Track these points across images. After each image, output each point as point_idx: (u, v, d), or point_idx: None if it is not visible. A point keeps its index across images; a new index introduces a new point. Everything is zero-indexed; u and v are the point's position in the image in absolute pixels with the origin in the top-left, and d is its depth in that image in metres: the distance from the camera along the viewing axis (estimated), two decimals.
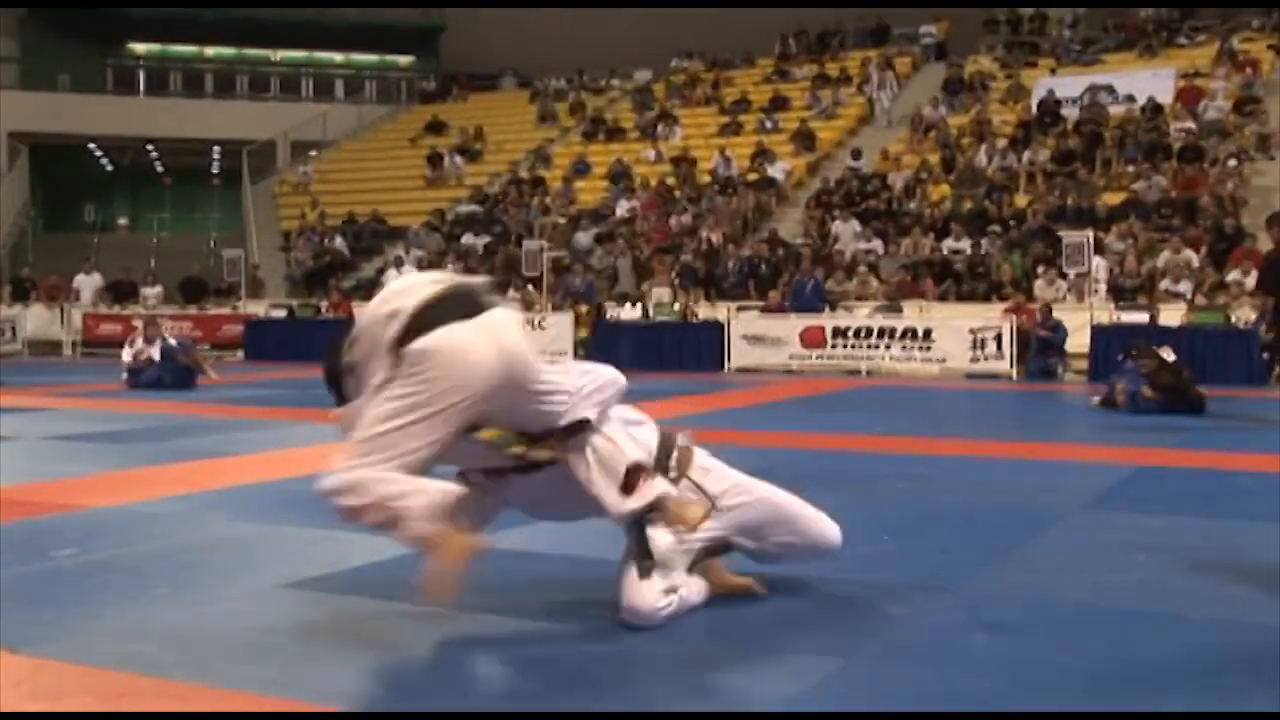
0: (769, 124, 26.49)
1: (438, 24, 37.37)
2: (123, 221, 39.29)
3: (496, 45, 35.02)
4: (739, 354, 17.07)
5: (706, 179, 24.56)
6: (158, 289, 23.08)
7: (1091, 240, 16.42)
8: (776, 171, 24.06)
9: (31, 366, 18.10)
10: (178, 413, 11.08)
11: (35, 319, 21.82)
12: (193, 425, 10.10)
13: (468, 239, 24.18)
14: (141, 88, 36.30)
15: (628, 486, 3.63)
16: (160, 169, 39.62)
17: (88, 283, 23.40)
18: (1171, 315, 15.30)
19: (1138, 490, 6.77)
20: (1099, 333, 15.08)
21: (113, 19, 35.03)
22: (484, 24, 35.66)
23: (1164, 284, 16.93)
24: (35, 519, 5.78)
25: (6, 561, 4.77)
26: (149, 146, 36.88)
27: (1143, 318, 15.09)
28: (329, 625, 3.75)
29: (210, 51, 37.93)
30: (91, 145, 36.61)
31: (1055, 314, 15.62)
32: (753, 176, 24.03)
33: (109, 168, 39.32)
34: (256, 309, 21.11)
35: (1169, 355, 11.12)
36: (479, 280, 3.77)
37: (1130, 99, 23.43)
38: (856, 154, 23.76)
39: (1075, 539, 5.37)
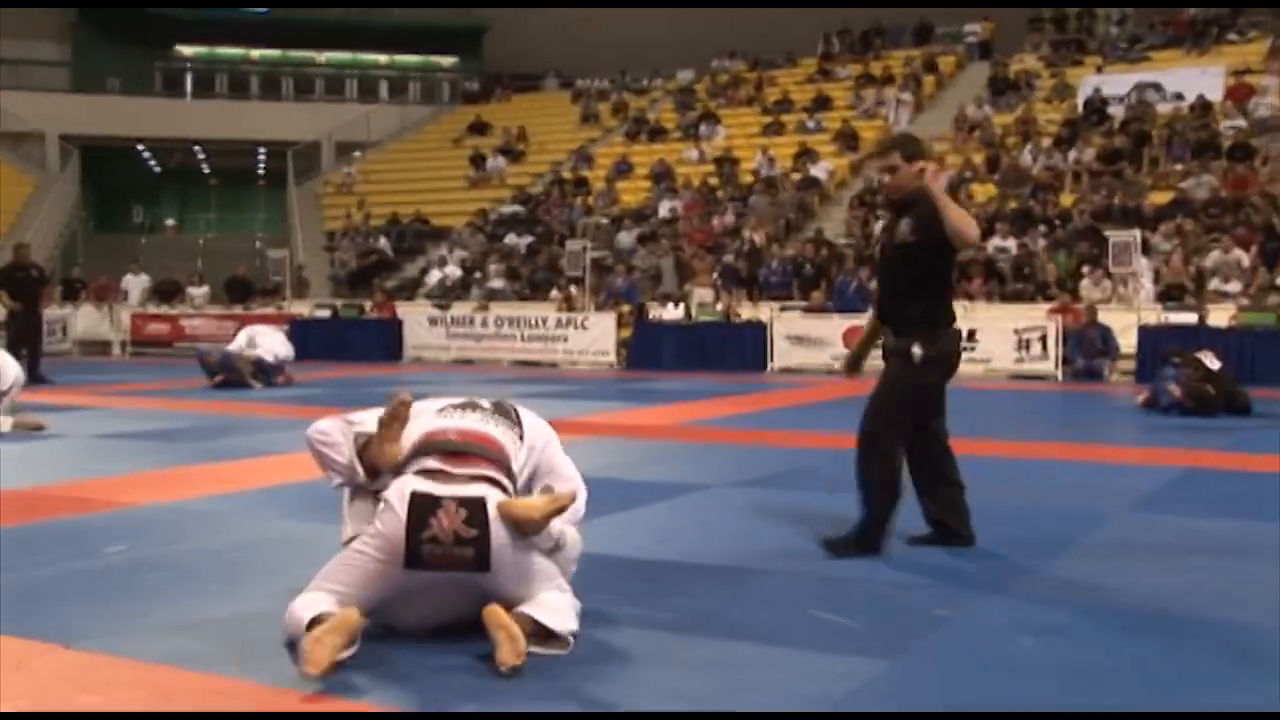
0: (812, 124, 26.40)
1: (481, 25, 37.53)
2: (170, 222, 39.76)
3: (539, 46, 35.13)
4: (781, 354, 17.03)
5: (749, 179, 24.50)
6: (204, 289, 23.34)
7: (1138, 240, 16.24)
8: (819, 171, 23.97)
9: (81, 365, 18.33)
10: (224, 412, 11.20)
11: (85, 319, 22.12)
12: (239, 424, 10.20)
13: (510, 239, 24.26)
14: (189, 90, 36.69)
15: None
16: (207, 170, 40.03)
17: (136, 283, 23.71)
18: (1220, 316, 15.12)
19: (1185, 492, 6.70)
20: (1146, 334, 14.93)
21: (160, 22, 35.43)
22: (527, 25, 35.79)
23: (1213, 284, 16.74)
24: (86, 516, 5.86)
25: (59, 557, 4.85)
26: (196, 148, 37.28)
27: (1191, 318, 14.93)
28: (376, 624, 3.78)
29: (256, 54, 38.28)
30: (140, 147, 37.04)
31: (1101, 315, 15.47)
32: (795, 176, 23.96)
33: (157, 169, 39.78)
34: (301, 309, 21.28)
35: (1213, 362, 10.93)
36: None
37: (1179, 97, 23.14)
38: None
39: (1122, 541, 5.32)
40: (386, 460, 3.84)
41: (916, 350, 4.88)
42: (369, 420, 3.99)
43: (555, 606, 3.59)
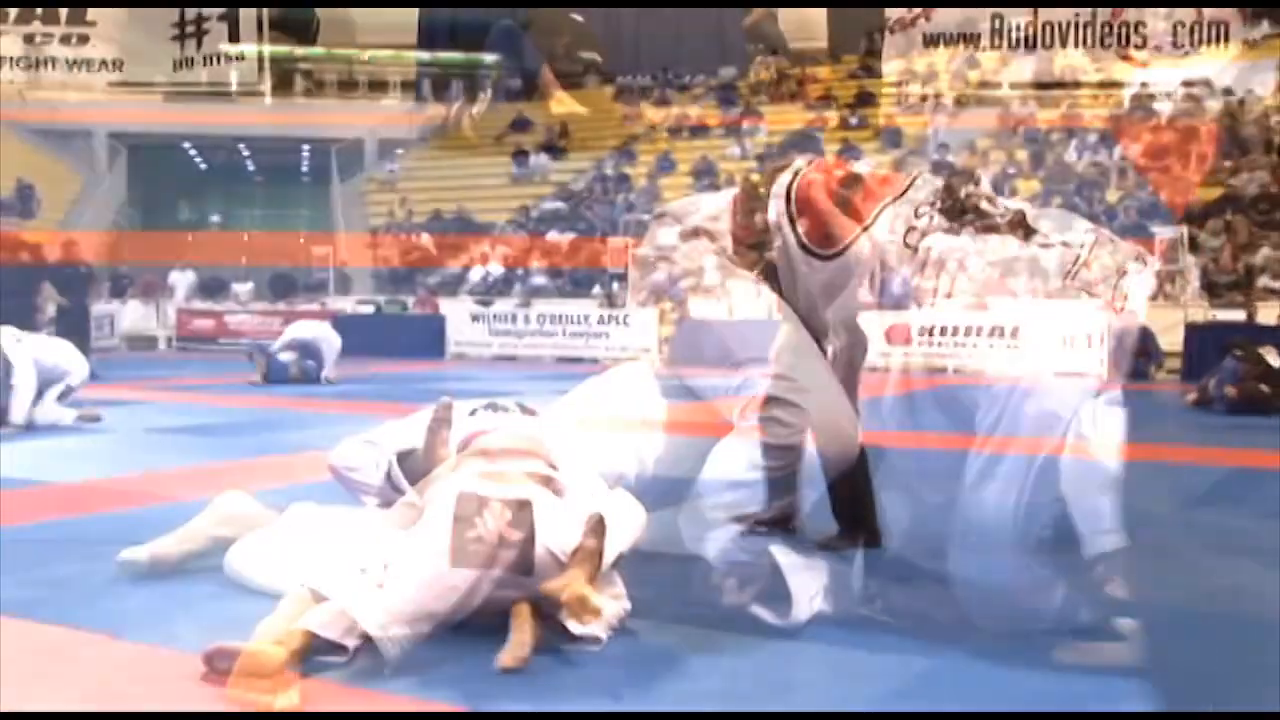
0: (854, 120, 26.28)
1: (523, 22, 37.56)
2: (215, 219, 40.07)
3: (582, 43, 35.11)
4: None
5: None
6: (249, 285, 23.54)
7: (1185, 237, 16.06)
8: (861, 168, 23.82)
9: (128, 361, 18.53)
10: (268, 406, 11.30)
11: (131, 314, 22.38)
12: (283, 419, 10.28)
13: (552, 235, 24.31)
14: (234, 87, 36.91)
15: None
16: (251, 168, 40.32)
17: (182, 279, 23.97)
18: (1269, 313, 14.93)
19: (1233, 492, 6.63)
20: (1193, 332, 14.75)
21: (209, 20, 35.66)
22: (569, 22, 35.78)
23: (1262, 281, 16.52)
24: (134, 510, 5.93)
25: (108, 551, 4.90)
26: (241, 145, 37.56)
27: (1239, 316, 14.75)
28: (423, 619, 3.80)
29: (300, 51, 38.48)
30: (186, 144, 37.35)
31: (1147, 313, 15.27)
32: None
33: (203, 166, 40.10)
34: (344, 305, 21.43)
35: (1275, 359, 10.82)
36: None
37: (1228, 92, 22.84)
38: (943, 149, 23.48)
39: (1168, 542, 5.27)
40: (438, 464, 3.88)
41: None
42: (388, 436, 4.05)
43: None
